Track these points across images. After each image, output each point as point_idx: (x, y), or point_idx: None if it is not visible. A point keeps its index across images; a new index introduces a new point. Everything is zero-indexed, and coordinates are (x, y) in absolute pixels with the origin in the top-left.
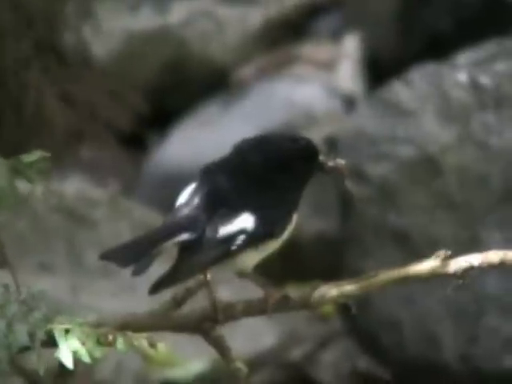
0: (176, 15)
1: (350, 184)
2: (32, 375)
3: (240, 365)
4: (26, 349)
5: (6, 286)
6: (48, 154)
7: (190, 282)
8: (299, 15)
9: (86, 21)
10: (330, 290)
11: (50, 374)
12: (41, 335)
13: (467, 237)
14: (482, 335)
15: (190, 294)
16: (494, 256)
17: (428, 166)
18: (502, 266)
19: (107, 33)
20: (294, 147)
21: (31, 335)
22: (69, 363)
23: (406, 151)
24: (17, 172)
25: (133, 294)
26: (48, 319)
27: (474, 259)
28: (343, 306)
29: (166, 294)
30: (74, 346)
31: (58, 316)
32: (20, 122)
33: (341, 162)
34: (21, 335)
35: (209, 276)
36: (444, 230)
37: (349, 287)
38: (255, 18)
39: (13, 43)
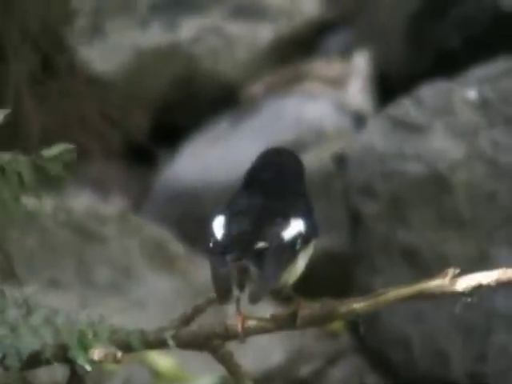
0: (186, 31)
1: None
2: None
3: (249, 382)
4: (36, 359)
5: (1, 291)
6: (73, 146)
7: (199, 300)
8: (309, 32)
9: (95, 36)
10: (339, 307)
11: None
12: (49, 339)
13: (476, 253)
14: (490, 353)
15: (198, 311)
16: (502, 274)
17: (437, 182)
18: (510, 283)
19: (117, 48)
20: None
21: (39, 340)
22: (87, 366)
23: (415, 168)
24: (39, 169)
25: (142, 310)
26: (50, 322)
27: (483, 277)
28: (353, 323)
29: (176, 311)
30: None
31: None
32: None
33: None
34: (27, 339)
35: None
36: (453, 246)
37: (358, 304)
38: (265, 34)
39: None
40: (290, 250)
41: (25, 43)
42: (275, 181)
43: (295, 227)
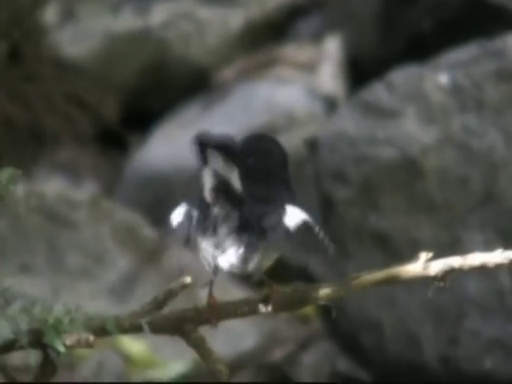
0: (157, 16)
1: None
2: (13, 373)
3: (221, 366)
4: (9, 344)
5: None
6: (19, 172)
7: (172, 284)
8: (280, 17)
9: (67, 21)
10: (312, 292)
11: (31, 374)
12: (24, 326)
13: (448, 238)
14: (462, 337)
15: (171, 295)
16: (474, 258)
17: (409, 167)
18: (482, 268)
19: (88, 33)
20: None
21: (14, 327)
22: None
23: (387, 153)
24: None
25: (114, 295)
26: (27, 311)
27: (455, 262)
28: (324, 308)
29: (148, 297)
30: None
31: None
32: None
33: None
34: (3, 329)
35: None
36: (425, 231)
37: (331, 289)
38: (236, 19)
39: None
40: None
41: None
42: (260, 167)
43: (298, 216)
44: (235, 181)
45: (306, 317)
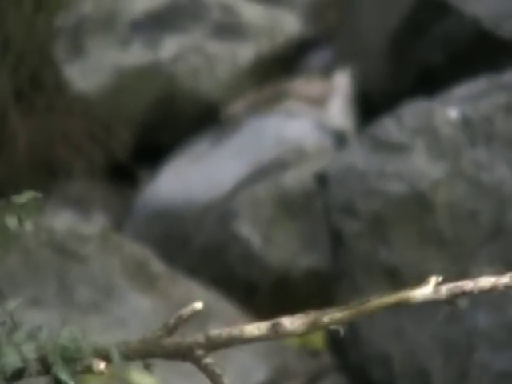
0: (166, 50)
1: None
2: None
3: None
4: (18, 373)
5: None
6: (40, 194)
7: (183, 310)
8: (290, 51)
9: (76, 55)
10: (324, 316)
11: None
12: (31, 354)
13: (457, 272)
14: (472, 370)
15: (181, 321)
16: (485, 282)
17: (418, 201)
18: (493, 290)
19: (98, 67)
20: None
21: (21, 356)
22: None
23: (397, 187)
24: (7, 212)
25: (123, 329)
26: (33, 337)
27: (466, 285)
28: (333, 341)
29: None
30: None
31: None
32: None
33: None
34: (11, 356)
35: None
36: (435, 265)
37: (341, 314)
38: (246, 53)
39: None
40: None
41: (10, 58)
42: None
43: None
44: None
45: (316, 350)
